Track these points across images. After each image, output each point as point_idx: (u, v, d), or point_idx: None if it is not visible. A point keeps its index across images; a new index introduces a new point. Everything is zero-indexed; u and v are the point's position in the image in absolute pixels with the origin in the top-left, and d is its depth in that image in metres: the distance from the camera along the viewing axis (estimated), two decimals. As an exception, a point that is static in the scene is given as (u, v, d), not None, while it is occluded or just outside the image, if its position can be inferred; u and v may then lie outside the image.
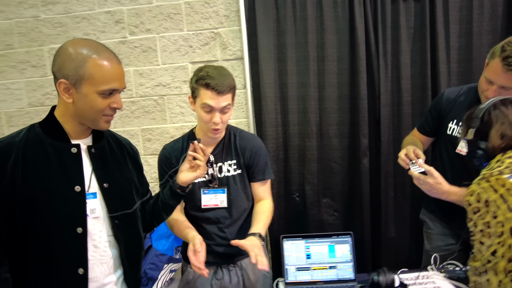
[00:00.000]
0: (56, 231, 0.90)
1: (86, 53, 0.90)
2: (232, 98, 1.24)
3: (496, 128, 0.90)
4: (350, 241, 1.34)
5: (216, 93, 1.16)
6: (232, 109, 1.28)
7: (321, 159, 2.07)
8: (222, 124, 1.23)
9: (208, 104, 1.17)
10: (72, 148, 0.95)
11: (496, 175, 0.84)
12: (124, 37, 2.06)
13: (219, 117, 1.19)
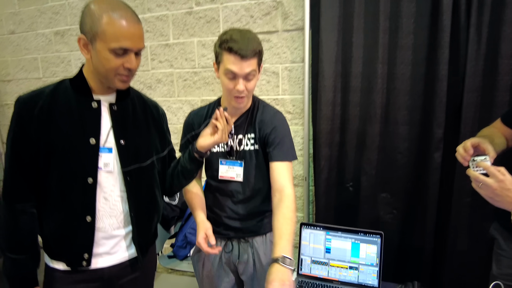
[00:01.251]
0: (70, 178, 1.00)
1: (103, 9, 0.93)
2: (257, 64, 1.16)
3: None
4: (379, 242, 1.16)
5: (239, 57, 1.10)
6: (259, 77, 1.21)
7: (383, 148, 1.82)
8: (247, 92, 1.16)
9: (231, 70, 1.12)
10: (92, 103, 1.03)
11: None
12: (190, 8, 2.13)
13: (242, 85, 1.13)
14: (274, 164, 1.21)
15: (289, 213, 1.11)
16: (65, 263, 1.04)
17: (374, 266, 1.16)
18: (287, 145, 1.24)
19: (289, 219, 1.10)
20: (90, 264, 1.04)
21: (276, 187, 1.18)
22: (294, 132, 2.05)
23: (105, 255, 1.07)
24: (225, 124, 1.07)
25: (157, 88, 2.32)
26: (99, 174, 1.03)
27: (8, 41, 2.75)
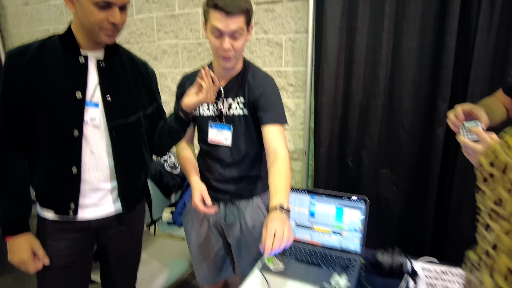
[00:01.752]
0: (56, 130, 1.04)
1: None
2: (245, 23, 1.14)
3: None
4: (364, 208, 1.15)
5: (224, 14, 1.08)
6: (248, 38, 1.19)
7: (386, 123, 1.78)
8: (234, 52, 1.15)
9: (217, 27, 1.10)
10: (80, 58, 1.05)
11: None
12: (195, -24, 2.11)
13: (228, 43, 1.12)
14: (266, 128, 1.20)
15: (283, 169, 1.11)
16: (53, 212, 1.09)
17: (357, 232, 1.15)
18: (277, 108, 1.22)
19: (283, 174, 1.10)
20: (77, 214, 1.09)
21: (270, 149, 1.17)
22: (296, 106, 2.03)
23: (92, 206, 1.11)
24: (210, 83, 1.07)
25: (163, 59, 2.34)
26: (85, 128, 1.06)
27: (22, 13, 2.83)
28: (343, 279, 1.01)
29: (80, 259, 1.16)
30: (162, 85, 2.39)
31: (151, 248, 1.86)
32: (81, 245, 1.15)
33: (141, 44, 2.38)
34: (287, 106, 2.05)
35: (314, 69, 1.88)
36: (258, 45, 2.04)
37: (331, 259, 1.11)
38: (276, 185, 1.08)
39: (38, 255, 1.08)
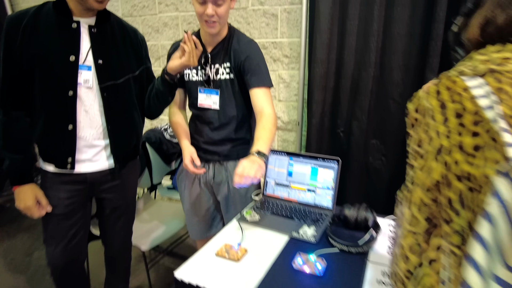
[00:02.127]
0: (53, 90, 1.14)
1: None
2: None
3: (480, 13, 0.64)
4: (336, 168, 1.22)
5: None
6: (232, 5, 1.25)
7: (376, 93, 1.82)
8: (218, 17, 1.21)
9: None
10: (72, 23, 1.14)
11: (453, 75, 0.60)
12: None
13: (212, 9, 1.18)
14: (253, 91, 1.27)
15: (267, 124, 1.20)
16: (53, 165, 1.21)
17: (330, 189, 1.23)
18: (262, 72, 1.29)
19: (267, 128, 1.19)
20: (74, 168, 1.21)
21: (257, 110, 1.26)
22: (290, 77, 2.08)
23: (88, 161, 1.23)
24: (192, 47, 1.14)
25: (164, 31, 2.41)
26: (79, 89, 1.16)
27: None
28: (311, 230, 1.10)
29: (79, 209, 1.29)
30: (163, 56, 2.48)
31: (150, 209, 2.00)
32: (79, 197, 1.28)
33: (144, 17, 2.45)
34: (282, 78, 2.10)
35: (308, 40, 1.91)
36: (254, 16, 2.08)
37: (304, 213, 1.21)
38: (258, 136, 1.19)
39: (42, 203, 1.22)
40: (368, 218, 1.09)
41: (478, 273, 0.45)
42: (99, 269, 1.75)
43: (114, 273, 1.58)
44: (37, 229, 2.66)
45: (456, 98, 0.56)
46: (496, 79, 0.54)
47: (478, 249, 0.45)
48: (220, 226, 1.57)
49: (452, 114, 0.56)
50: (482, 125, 0.53)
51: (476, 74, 0.57)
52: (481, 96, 0.54)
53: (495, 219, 0.44)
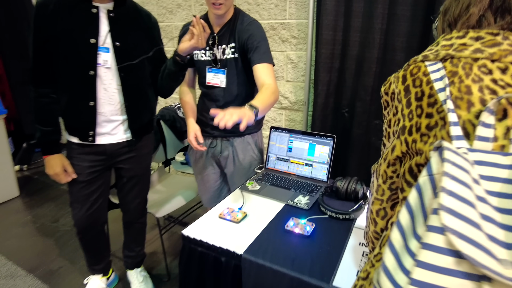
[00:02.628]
0: (76, 70, 1.28)
1: None
2: None
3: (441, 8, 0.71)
4: (331, 144, 1.33)
5: None
6: None
7: (380, 74, 1.88)
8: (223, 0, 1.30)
9: None
10: (92, 9, 1.26)
11: (418, 60, 0.67)
12: None
13: None
14: (255, 67, 1.34)
15: (266, 90, 1.25)
16: (77, 138, 1.37)
17: (325, 164, 1.34)
18: (264, 49, 1.36)
19: (264, 92, 1.23)
20: (95, 140, 1.36)
21: (259, 83, 1.32)
22: (298, 58, 2.16)
23: (107, 135, 1.38)
24: (201, 30, 1.24)
25: (177, 12, 2.50)
26: (99, 69, 1.29)
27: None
28: (305, 199, 1.23)
29: (99, 177, 1.46)
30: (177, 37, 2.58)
31: (164, 182, 2.17)
32: (100, 166, 1.44)
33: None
34: (290, 58, 2.18)
35: (315, 21, 1.97)
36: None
37: (301, 185, 1.33)
38: (257, 97, 1.21)
39: (68, 170, 1.38)
40: (358, 189, 1.20)
41: (400, 233, 0.51)
42: (118, 236, 1.95)
43: (131, 236, 1.76)
44: (61, 199, 2.90)
45: (417, 83, 0.64)
46: (453, 63, 0.61)
47: (404, 213, 0.52)
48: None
49: (413, 97, 0.63)
50: (436, 107, 0.60)
51: (437, 59, 0.64)
52: (437, 79, 0.61)
53: (422, 188, 0.51)
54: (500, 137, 0.53)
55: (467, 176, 0.46)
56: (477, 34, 0.62)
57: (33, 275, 1.96)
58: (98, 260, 1.72)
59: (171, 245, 2.24)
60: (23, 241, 2.31)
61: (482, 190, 0.47)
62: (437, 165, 0.50)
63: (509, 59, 0.57)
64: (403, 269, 0.47)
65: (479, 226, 0.43)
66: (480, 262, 0.40)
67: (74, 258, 2.11)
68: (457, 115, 0.56)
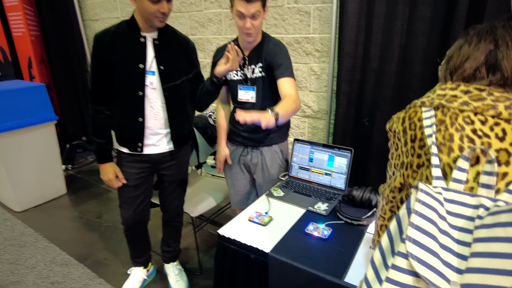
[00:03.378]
0: (127, 91, 1.51)
1: None
2: (261, 6, 1.47)
3: (447, 54, 0.83)
4: (349, 156, 1.49)
5: (245, 1, 1.42)
6: (264, 16, 1.52)
7: (398, 86, 2.01)
8: (254, 29, 1.49)
9: (240, 11, 1.45)
10: (140, 38, 1.49)
11: (417, 105, 0.79)
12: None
13: (249, 23, 1.47)
14: (279, 81, 1.51)
15: (288, 99, 1.39)
16: (127, 148, 1.61)
17: (343, 174, 1.51)
18: (286, 66, 1.53)
19: (286, 101, 1.38)
20: (143, 151, 1.60)
21: (283, 94, 1.47)
22: (321, 70, 2.31)
23: (153, 146, 1.61)
24: (234, 55, 1.44)
25: (208, 26, 2.72)
26: (146, 89, 1.52)
27: (95, -15, 3.35)
28: (324, 206, 1.40)
29: (145, 182, 1.70)
30: (208, 49, 2.80)
31: (196, 184, 2.40)
32: (146, 173, 1.67)
33: (191, 13, 2.77)
34: (313, 70, 2.34)
35: (338, 36, 2.12)
36: (289, 13, 2.31)
37: (321, 192, 1.50)
38: (278, 104, 1.33)
39: (119, 176, 1.63)
40: (371, 198, 1.36)
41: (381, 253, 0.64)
42: (155, 232, 2.20)
43: (169, 233, 2.00)
44: (102, 196, 3.21)
45: (413, 126, 0.76)
46: (443, 113, 0.72)
47: (384, 237, 0.65)
48: (255, 199, 1.91)
49: (409, 138, 0.76)
50: (424, 149, 0.72)
51: (431, 106, 0.75)
52: (428, 126, 0.73)
53: (401, 218, 0.63)
54: (470, 180, 0.65)
55: (434, 214, 0.60)
56: (466, 88, 0.72)
57: (84, 264, 2.25)
58: (140, 254, 1.97)
59: (202, 241, 2.47)
60: (73, 233, 2.62)
61: (447, 225, 0.60)
62: (414, 201, 0.62)
63: (490, 112, 0.68)
64: (379, 281, 0.63)
65: (437, 254, 0.56)
66: (433, 282, 0.54)
67: (117, 251, 2.38)
68: (439, 159, 0.68)
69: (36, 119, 2.84)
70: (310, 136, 2.50)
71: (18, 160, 2.82)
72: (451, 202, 0.63)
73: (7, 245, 2.47)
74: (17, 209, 2.95)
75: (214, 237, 2.53)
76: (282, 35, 2.38)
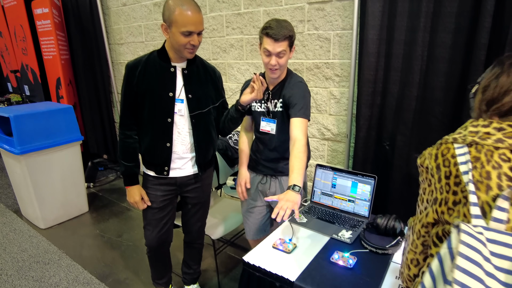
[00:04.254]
0: (156, 118, 1.57)
1: (176, 4, 1.41)
2: (288, 45, 1.52)
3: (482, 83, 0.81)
4: (373, 184, 1.49)
5: (273, 40, 1.48)
6: (290, 55, 1.58)
7: (419, 110, 2.02)
8: (279, 66, 1.55)
9: (267, 49, 1.51)
10: (171, 68, 1.56)
11: (449, 142, 0.78)
12: (258, -20, 2.49)
13: (275, 60, 1.52)
14: (291, 120, 1.56)
15: (299, 153, 1.46)
16: (154, 171, 1.66)
17: (366, 201, 1.51)
18: (301, 106, 1.56)
19: (299, 158, 1.45)
20: (169, 174, 1.64)
21: (291, 136, 1.53)
22: (340, 94, 2.34)
23: (178, 169, 1.66)
24: (259, 85, 1.49)
25: (230, 51, 2.81)
26: (175, 116, 1.58)
27: (121, 12, 3.53)
28: (348, 233, 1.40)
29: (169, 204, 1.74)
30: (229, 74, 2.88)
31: (216, 205, 2.43)
32: (170, 195, 1.71)
33: (213, 38, 2.87)
34: (333, 94, 2.37)
35: (357, 61, 2.16)
36: (309, 40, 2.37)
37: (344, 219, 1.50)
38: (293, 166, 1.43)
39: (144, 199, 1.67)
40: (396, 227, 1.35)
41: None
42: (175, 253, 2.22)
43: (190, 255, 2.02)
44: (123, 215, 3.27)
45: (446, 163, 0.76)
46: (477, 149, 0.72)
47: (427, 277, 0.65)
48: (268, 229, 1.92)
49: (443, 175, 0.76)
50: (461, 187, 0.71)
51: (464, 143, 0.75)
52: (463, 163, 0.73)
53: (443, 258, 0.63)
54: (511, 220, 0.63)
55: (478, 256, 0.59)
56: (499, 125, 0.72)
57: (105, 284, 2.29)
58: (161, 275, 1.99)
59: (222, 263, 2.48)
60: (95, 252, 2.67)
61: (492, 267, 0.59)
62: (456, 242, 0.62)
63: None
64: None
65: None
66: None
67: (137, 271, 2.41)
68: (477, 196, 0.68)
69: (64, 139, 2.95)
70: (330, 159, 2.51)
71: (45, 178, 2.92)
72: (494, 242, 0.62)
73: (32, 262, 2.53)
74: (41, 226, 3.03)
75: (234, 260, 2.53)
76: (302, 60, 2.43)
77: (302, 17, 2.36)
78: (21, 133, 2.69)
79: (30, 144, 2.74)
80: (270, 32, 1.48)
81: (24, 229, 3.05)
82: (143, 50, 3.44)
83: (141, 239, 2.82)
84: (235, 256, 2.57)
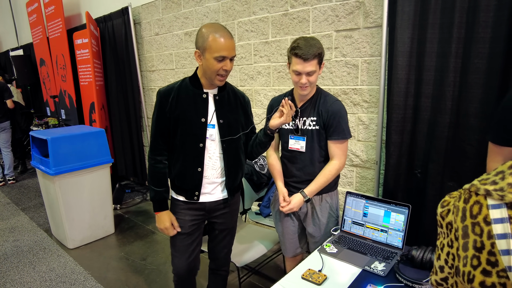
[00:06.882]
0: (189, 142, 1.60)
1: (209, 31, 1.46)
2: (317, 63, 1.54)
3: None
4: (406, 213, 1.44)
5: (302, 60, 1.51)
6: (320, 72, 1.59)
7: (453, 138, 1.96)
8: (309, 83, 1.56)
9: (296, 69, 1.54)
10: (203, 94, 1.60)
11: (480, 194, 0.60)
12: (286, 10, 2.57)
13: (305, 79, 1.54)
14: (329, 142, 1.63)
15: (328, 171, 1.63)
16: (184, 197, 1.67)
17: (400, 231, 1.45)
18: (340, 127, 1.61)
19: (326, 174, 1.63)
20: (199, 199, 1.65)
21: (330, 157, 1.66)
22: (369, 120, 2.32)
23: (208, 194, 1.67)
24: (289, 109, 1.50)
25: (257, 78, 2.87)
26: (207, 141, 1.60)
27: (154, 41, 3.71)
28: (381, 265, 1.34)
29: (197, 230, 1.73)
30: (256, 99, 2.93)
31: (242, 231, 2.41)
32: (199, 220, 1.72)
33: (241, 66, 2.95)
34: (361, 120, 2.35)
35: (386, 88, 2.14)
36: (337, 66, 2.39)
37: (377, 250, 1.44)
38: (317, 179, 1.64)
39: (174, 225, 1.68)
40: (433, 259, 1.29)
41: None
42: (198, 279, 2.19)
43: (215, 282, 1.99)
44: (148, 238, 3.30)
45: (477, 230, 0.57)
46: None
47: None
48: (305, 247, 1.88)
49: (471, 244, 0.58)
50: (496, 269, 0.53)
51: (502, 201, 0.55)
52: (500, 236, 0.53)
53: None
54: None
55: None
56: None
57: (129, 308, 2.28)
58: (186, 303, 1.96)
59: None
60: (119, 274, 2.68)
61: None
62: None
63: None
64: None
65: None
66: None
67: (161, 296, 2.40)
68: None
69: (95, 161, 3.06)
70: (359, 186, 2.46)
71: (75, 199, 3.01)
72: None
73: (59, 282, 2.57)
74: (69, 246, 3.09)
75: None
76: (329, 86, 2.45)
77: (330, 44, 2.39)
78: (56, 154, 2.82)
79: (64, 166, 2.86)
80: (299, 52, 1.51)
81: (53, 248, 3.12)
82: (173, 77, 3.58)
83: (164, 264, 2.81)
84: (259, 285, 2.50)
